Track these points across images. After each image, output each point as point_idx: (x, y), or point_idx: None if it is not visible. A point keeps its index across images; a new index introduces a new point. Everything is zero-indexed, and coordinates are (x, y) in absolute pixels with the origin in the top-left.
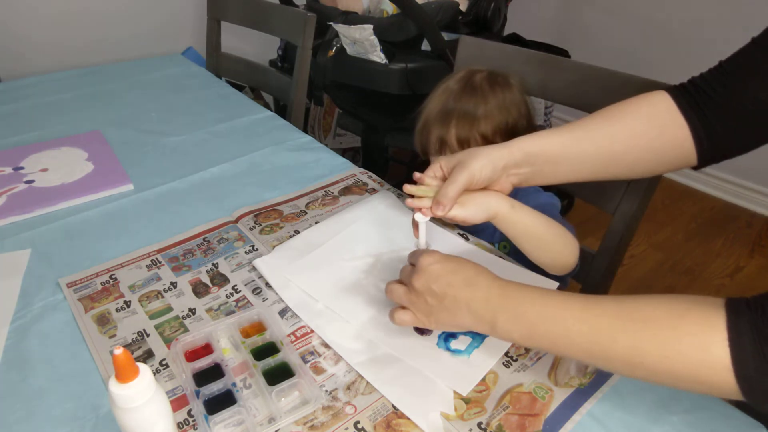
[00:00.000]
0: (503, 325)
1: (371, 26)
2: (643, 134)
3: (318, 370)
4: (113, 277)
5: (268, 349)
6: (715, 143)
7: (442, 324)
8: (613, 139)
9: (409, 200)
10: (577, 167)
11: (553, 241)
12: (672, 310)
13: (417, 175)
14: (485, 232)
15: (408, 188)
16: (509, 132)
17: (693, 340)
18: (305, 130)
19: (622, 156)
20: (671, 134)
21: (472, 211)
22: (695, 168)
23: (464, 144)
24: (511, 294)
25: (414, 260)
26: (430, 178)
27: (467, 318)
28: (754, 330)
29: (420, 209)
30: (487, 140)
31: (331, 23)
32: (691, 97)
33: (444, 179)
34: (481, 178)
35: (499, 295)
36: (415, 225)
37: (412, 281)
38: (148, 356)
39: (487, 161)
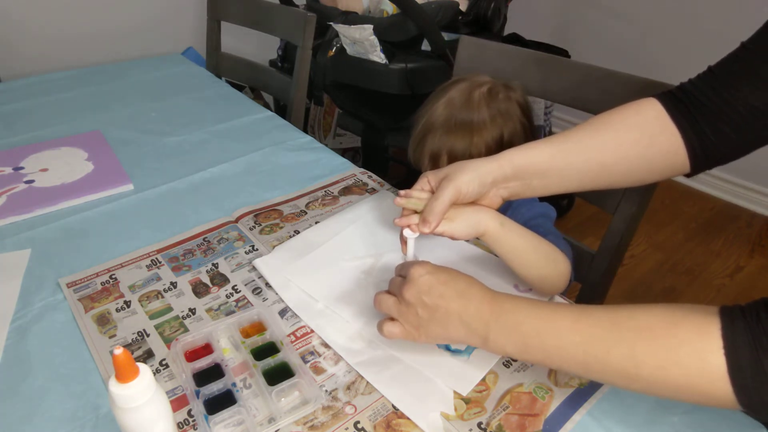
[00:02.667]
0: (496, 338)
1: (371, 26)
2: (634, 143)
3: (318, 370)
4: (113, 277)
5: (268, 349)
6: (707, 150)
7: (433, 337)
8: (603, 150)
9: (396, 219)
10: (567, 179)
11: (538, 262)
12: (666, 318)
13: (402, 192)
14: None
15: (398, 201)
16: (506, 146)
17: (689, 349)
18: (305, 130)
19: (613, 166)
20: (662, 142)
21: (460, 227)
22: (688, 175)
23: (460, 159)
24: (504, 306)
25: (404, 272)
26: (417, 192)
27: (459, 330)
28: (750, 338)
29: (408, 226)
30: (484, 155)
31: (331, 23)
32: (681, 103)
33: (432, 193)
34: (468, 193)
35: (492, 307)
36: (404, 241)
37: (403, 292)
38: (148, 356)
39: (474, 175)
